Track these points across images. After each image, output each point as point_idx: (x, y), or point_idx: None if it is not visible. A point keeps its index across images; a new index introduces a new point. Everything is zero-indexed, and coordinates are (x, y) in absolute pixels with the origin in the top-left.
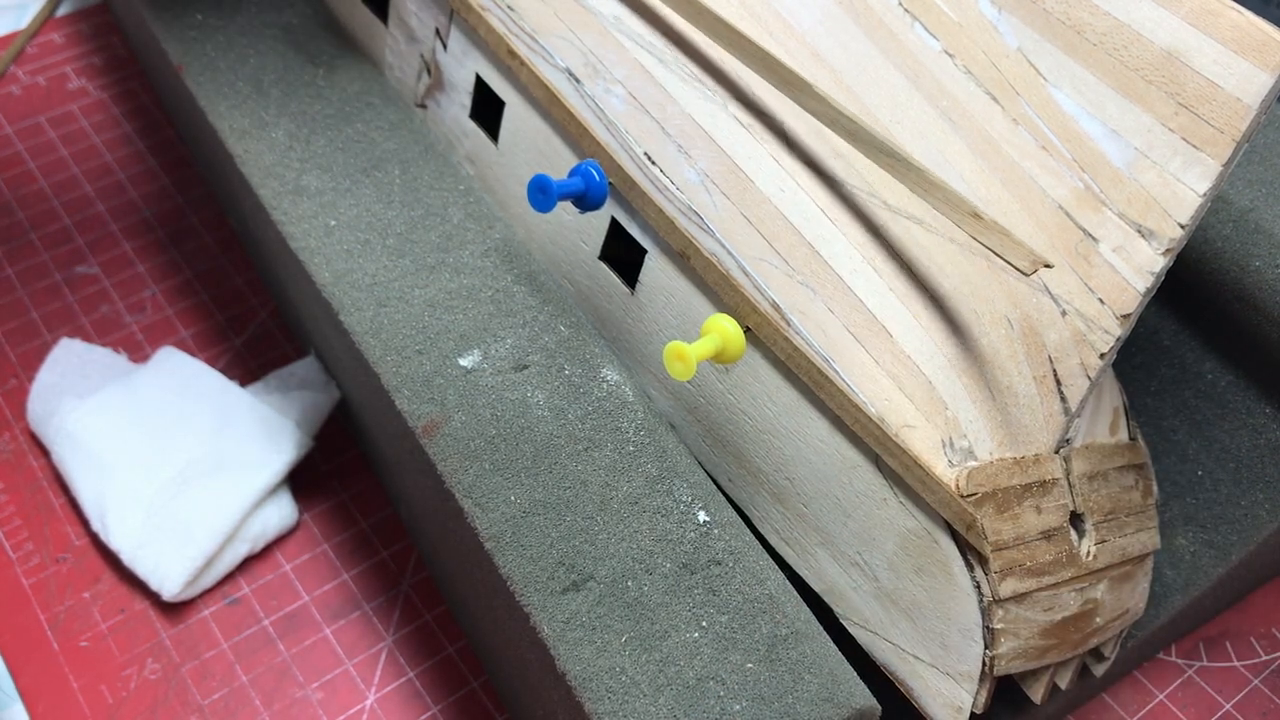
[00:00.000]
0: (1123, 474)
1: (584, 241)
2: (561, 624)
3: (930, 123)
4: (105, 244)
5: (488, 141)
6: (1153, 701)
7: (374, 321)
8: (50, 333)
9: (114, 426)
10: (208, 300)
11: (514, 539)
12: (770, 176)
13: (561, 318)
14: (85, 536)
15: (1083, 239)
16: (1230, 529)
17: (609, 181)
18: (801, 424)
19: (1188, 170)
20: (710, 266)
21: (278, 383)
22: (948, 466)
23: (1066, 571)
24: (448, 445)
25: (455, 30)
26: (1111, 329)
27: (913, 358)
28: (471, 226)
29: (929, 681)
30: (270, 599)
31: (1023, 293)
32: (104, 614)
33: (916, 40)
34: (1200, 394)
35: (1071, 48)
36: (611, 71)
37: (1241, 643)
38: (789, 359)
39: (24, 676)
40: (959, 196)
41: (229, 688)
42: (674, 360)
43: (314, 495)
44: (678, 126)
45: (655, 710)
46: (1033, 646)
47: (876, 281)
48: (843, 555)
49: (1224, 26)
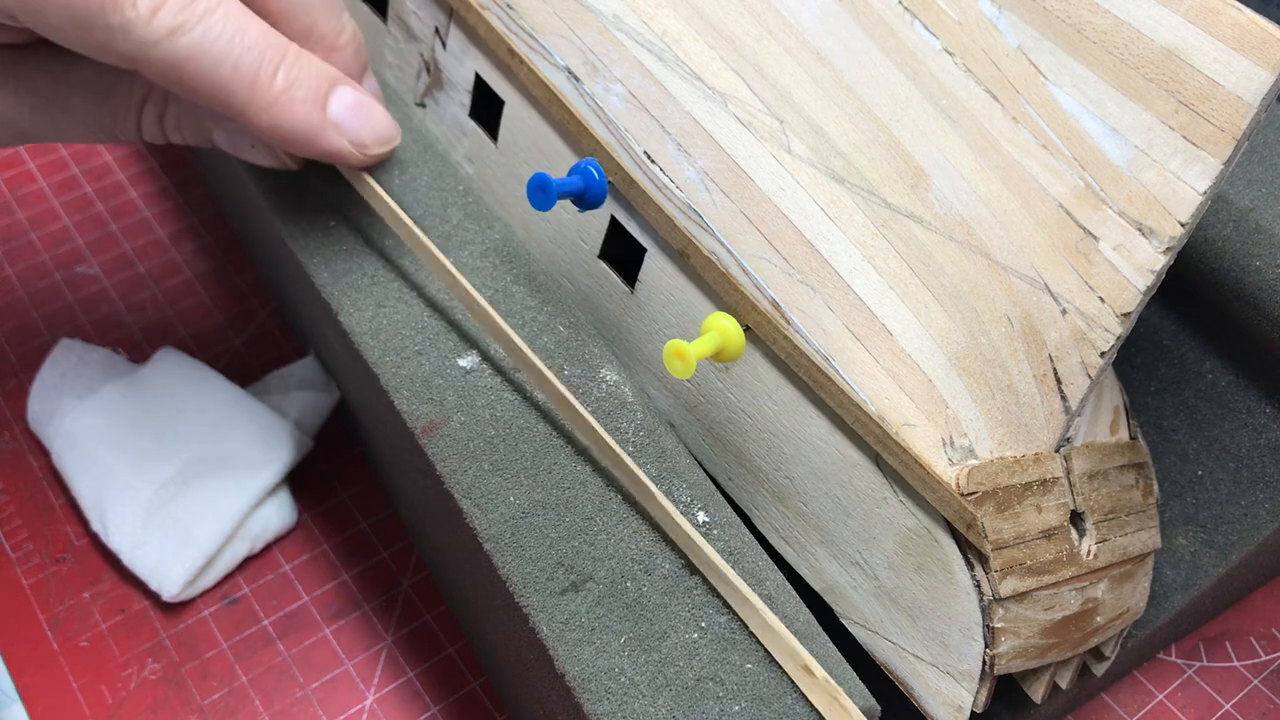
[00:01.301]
0: (1123, 473)
1: (583, 240)
2: (561, 624)
3: (930, 121)
4: (105, 244)
5: (487, 140)
6: (1153, 701)
7: (374, 321)
8: (50, 333)
9: (114, 426)
10: (208, 300)
11: (513, 539)
12: (770, 175)
13: (561, 318)
14: (85, 536)
15: (1083, 237)
16: (1230, 529)
17: (608, 180)
18: (801, 422)
19: (1188, 168)
20: (710, 265)
21: (278, 383)
22: (948, 465)
23: (1067, 570)
24: (447, 445)
25: (454, 29)
26: (1112, 327)
27: (913, 356)
28: (471, 226)
29: (929, 680)
30: (270, 599)
31: (1023, 291)
32: (104, 614)
33: (916, 38)
34: (1200, 394)
35: (1071, 46)
36: (611, 70)
37: (1241, 643)
38: (789, 357)
39: (24, 676)
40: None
41: (229, 688)
42: (673, 359)
43: (314, 495)
44: (677, 125)
45: (655, 711)
46: (1033, 645)
47: (876, 280)
48: (843, 554)
49: (1224, 24)
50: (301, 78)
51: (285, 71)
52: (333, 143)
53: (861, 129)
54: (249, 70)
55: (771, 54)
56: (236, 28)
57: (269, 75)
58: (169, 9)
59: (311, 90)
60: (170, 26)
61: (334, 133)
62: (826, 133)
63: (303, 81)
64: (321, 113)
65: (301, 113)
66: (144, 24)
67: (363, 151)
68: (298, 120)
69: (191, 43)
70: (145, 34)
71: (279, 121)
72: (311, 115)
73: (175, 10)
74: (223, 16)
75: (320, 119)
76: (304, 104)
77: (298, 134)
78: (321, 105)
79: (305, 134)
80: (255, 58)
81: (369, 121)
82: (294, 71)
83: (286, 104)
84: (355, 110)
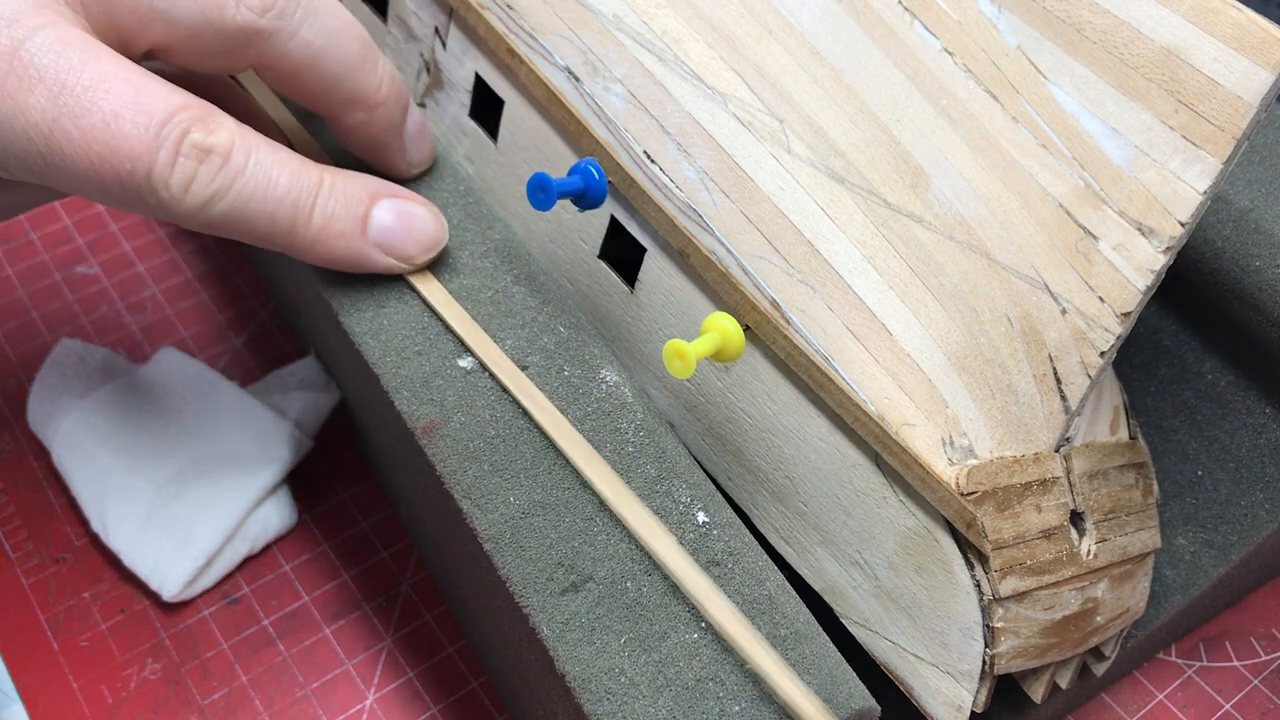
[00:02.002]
0: (1123, 473)
1: (583, 240)
2: (561, 625)
3: (930, 121)
4: (105, 244)
5: (487, 140)
6: (1153, 701)
7: (374, 322)
8: (50, 333)
9: (114, 426)
10: (208, 300)
11: (513, 539)
12: (770, 174)
13: (561, 318)
14: (85, 536)
15: (1083, 237)
16: (1230, 529)
17: (608, 180)
18: (801, 422)
19: (1188, 168)
20: (709, 265)
21: (278, 383)
22: (948, 465)
23: (1067, 570)
24: (447, 446)
25: (454, 29)
26: (1112, 327)
27: (912, 356)
28: (471, 227)
29: (929, 680)
30: (270, 599)
31: (1023, 291)
32: (104, 614)
33: (916, 38)
34: (1200, 394)
35: (1071, 46)
36: (611, 70)
37: (1241, 643)
38: (788, 357)
39: (24, 676)
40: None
41: (229, 688)
42: (673, 358)
43: (314, 495)
44: (677, 125)
45: (655, 711)
46: (1033, 645)
47: (876, 280)
48: (842, 554)
49: (1224, 24)
50: (337, 211)
51: (320, 210)
52: (379, 264)
53: (861, 129)
54: (285, 221)
55: (771, 54)
56: (268, 181)
57: (304, 220)
58: (201, 182)
59: (349, 220)
60: (204, 199)
61: (378, 254)
62: (826, 132)
63: (339, 215)
64: (363, 240)
65: (342, 245)
66: (178, 201)
67: (410, 263)
68: (341, 252)
69: (226, 209)
70: (181, 210)
71: (322, 258)
72: (352, 245)
73: (207, 182)
74: (253, 176)
75: (362, 246)
76: (343, 237)
77: (343, 263)
78: (362, 232)
79: (350, 261)
80: (289, 208)
81: (412, 233)
82: (329, 206)
83: (326, 241)
84: (396, 225)
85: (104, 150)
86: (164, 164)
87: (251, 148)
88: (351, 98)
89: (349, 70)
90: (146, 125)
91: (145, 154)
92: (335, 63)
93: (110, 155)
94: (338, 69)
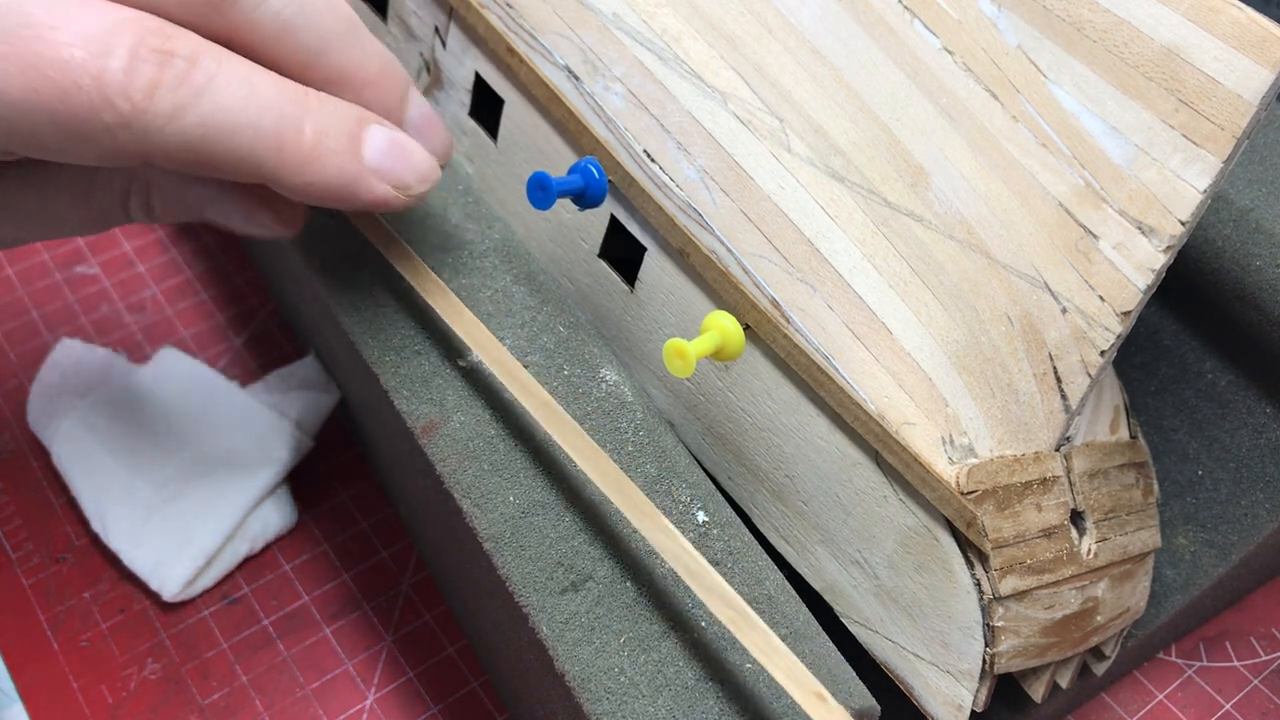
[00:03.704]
0: (1123, 472)
1: (583, 239)
2: (560, 624)
3: (930, 120)
4: (105, 244)
5: (487, 139)
6: (1153, 701)
7: (373, 322)
8: (50, 333)
9: (114, 426)
10: (208, 300)
11: (513, 539)
12: (770, 173)
13: (560, 318)
14: (85, 536)
15: (1083, 236)
16: (1230, 529)
17: (608, 179)
18: (801, 421)
19: (1188, 167)
20: (709, 264)
21: (278, 383)
22: (948, 464)
23: (1067, 569)
24: (447, 445)
25: (454, 28)
26: (1112, 326)
27: (912, 355)
28: (471, 226)
29: (929, 679)
30: (270, 599)
31: (1023, 290)
32: (104, 614)
33: (916, 37)
34: (1200, 394)
35: (1071, 45)
36: (611, 69)
37: (1241, 643)
38: (788, 356)
39: (24, 676)
40: (802, 672)
41: (229, 688)
42: (673, 357)
43: (314, 495)
44: (677, 124)
45: (654, 710)
46: (1033, 644)
47: (876, 279)
48: (843, 553)
49: (1224, 23)
50: (330, 127)
51: (311, 124)
52: (375, 191)
53: (861, 128)
54: (271, 132)
55: (771, 53)
56: (246, 89)
57: (294, 133)
58: (165, 87)
59: (343, 138)
60: (171, 107)
61: (374, 180)
62: (826, 131)
63: (332, 131)
64: (358, 161)
65: (337, 165)
66: (142, 113)
67: (406, 193)
68: (334, 175)
69: (201, 118)
70: (147, 123)
71: (314, 180)
72: (347, 166)
73: (173, 86)
74: (227, 80)
75: (358, 169)
76: (338, 155)
77: (336, 189)
78: (357, 153)
79: (344, 187)
80: (275, 117)
81: (409, 160)
82: (321, 121)
83: (319, 160)
84: (392, 151)
85: (43, 66)
86: (117, 70)
87: (222, 55)
88: (335, 76)
89: (327, 44)
90: (92, 34)
91: (93, 61)
92: (310, 35)
93: (52, 71)
94: (314, 42)
